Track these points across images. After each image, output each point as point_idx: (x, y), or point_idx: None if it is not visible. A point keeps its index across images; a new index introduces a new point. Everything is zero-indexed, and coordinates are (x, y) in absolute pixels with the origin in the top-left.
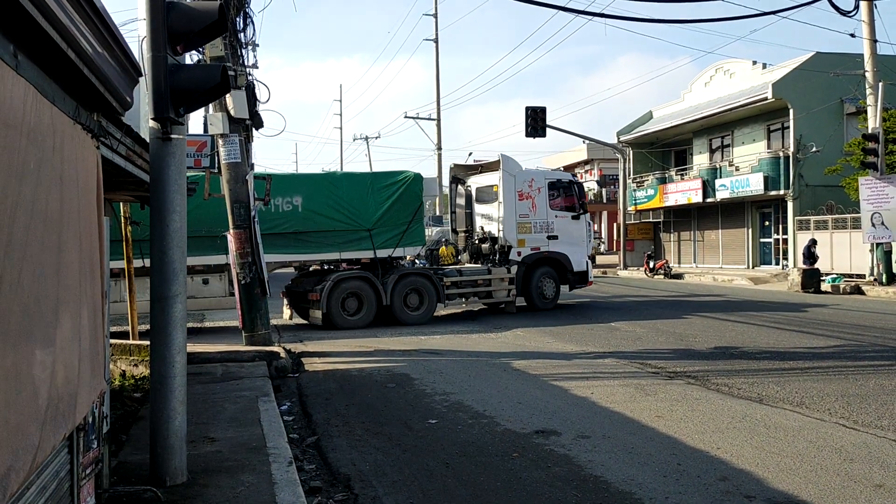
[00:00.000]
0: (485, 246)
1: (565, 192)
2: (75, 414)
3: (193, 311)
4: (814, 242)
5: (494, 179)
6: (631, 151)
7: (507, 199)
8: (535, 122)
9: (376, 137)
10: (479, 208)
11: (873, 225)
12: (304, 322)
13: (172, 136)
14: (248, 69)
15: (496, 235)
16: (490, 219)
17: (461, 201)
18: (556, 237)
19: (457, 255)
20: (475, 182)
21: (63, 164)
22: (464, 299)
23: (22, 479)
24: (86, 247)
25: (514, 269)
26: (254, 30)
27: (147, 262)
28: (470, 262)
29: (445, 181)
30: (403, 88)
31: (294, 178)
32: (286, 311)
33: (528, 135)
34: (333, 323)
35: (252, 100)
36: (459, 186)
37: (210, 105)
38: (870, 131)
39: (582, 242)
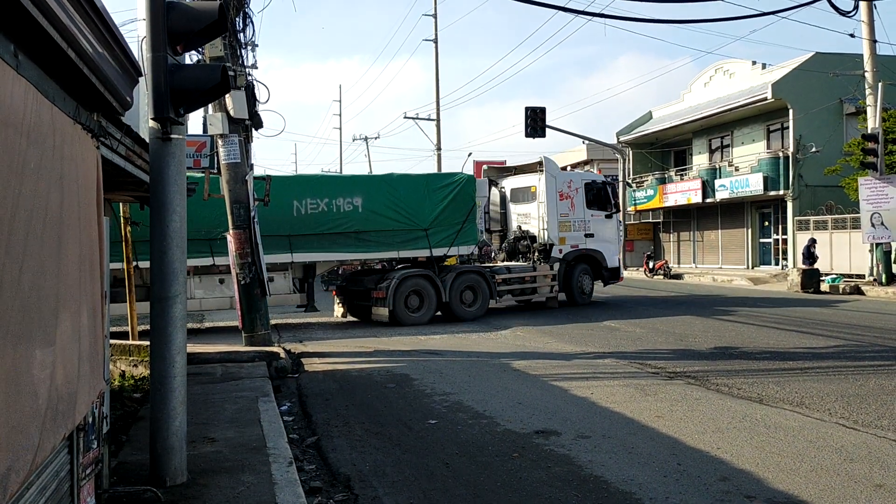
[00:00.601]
0: (522, 244)
1: (599, 192)
2: (75, 414)
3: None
4: (813, 242)
5: (531, 181)
6: (630, 152)
7: (549, 200)
8: (535, 123)
9: (376, 138)
10: (514, 208)
11: (873, 225)
12: (355, 320)
13: (172, 136)
14: (247, 69)
15: (534, 234)
16: (528, 218)
17: (495, 202)
18: (592, 235)
19: (492, 255)
20: (509, 183)
21: (63, 164)
22: (509, 296)
23: (22, 478)
24: (86, 247)
25: (556, 266)
26: (253, 30)
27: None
28: (505, 261)
29: None
30: (403, 89)
31: (354, 180)
32: (338, 310)
33: (527, 135)
34: (398, 319)
35: (251, 100)
36: (493, 188)
37: (210, 105)
38: (869, 131)
39: (614, 240)
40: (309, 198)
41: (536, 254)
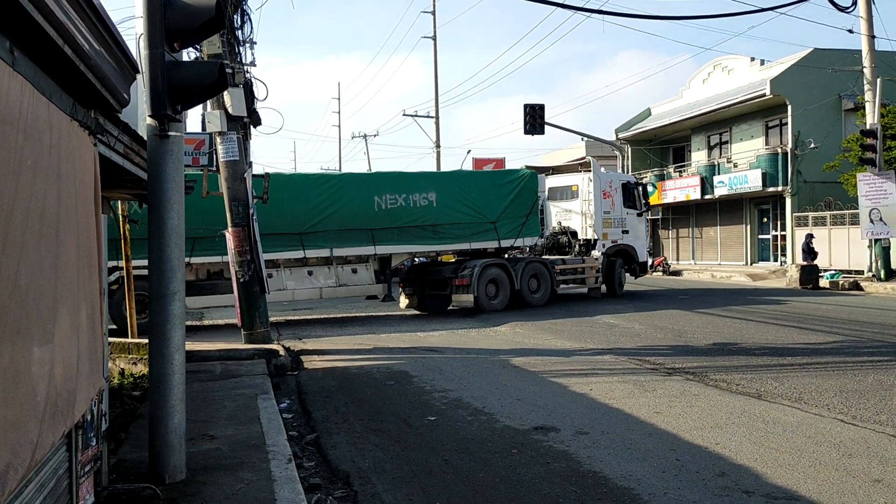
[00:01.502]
0: (563, 239)
1: (632, 192)
2: (74, 411)
3: (345, 297)
4: (811, 237)
5: (573, 180)
6: (629, 148)
7: (596, 198)
8: (534, 120)
9: (375, 135)
10: (553, 206)
11: (871, 221)
12: (417, 312)
13: (170, 133)
14: (245, 67)
15: (574, 230)
16: (569, 214)
17: None
18: (627, 231)
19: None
20: (548, 182)
21: (60, 161)
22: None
23: (20, 476)
24: (83, 244)
25: (600, 259)
26: (251, 27)
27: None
28: (543, 255)
29: None
30: (402, 86)
31: (428, 176)
32: (403, 301)
33: (526, 132)
34: (480, 306)
35: (250, 97)
36: None
37: (208, 103)
38: (868, 127)
39: (643, 236)
40: (388, 193)
41: (577, 248)
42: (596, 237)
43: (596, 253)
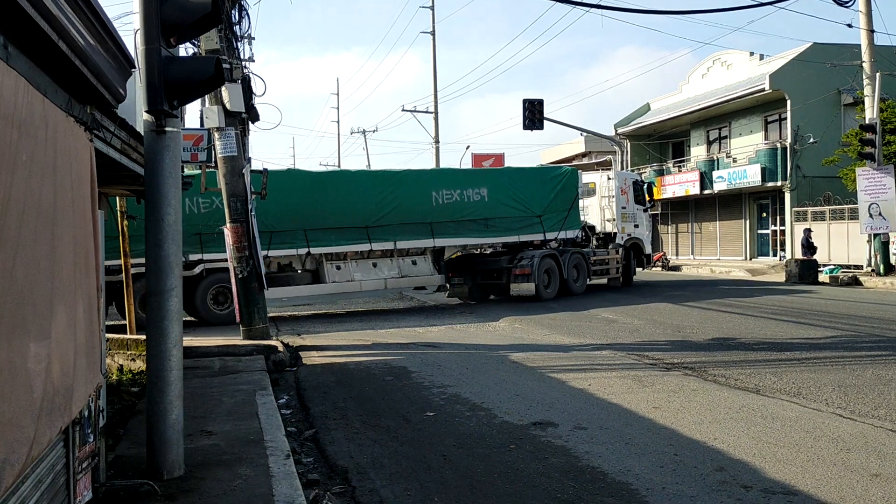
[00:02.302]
0: (580, 233)
1: (641, 189)
2: (71, 407)
3: (407, 287)
4: (810, 232)
5: (590, 178)
6: (628, 144)
7: (617, 195)
8: (533, 115)
9: (374, 131)
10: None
11: (871, 216)
12: (460, 302)
13: (167, 128)
14: (243, 62)
15: (592, 224)
16: (587, 210)
17: None
18: (638, 226)
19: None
20: None
21: (56, 157)
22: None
23: (17, 472)
24: (80, 240)
25: (620, 251)
26: (249, 22)
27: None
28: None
29: None
30: (401, 82)
31: (480, 173)
32: (451, 290)
33: (525, 127)
34: (539, 295)
35: (248, 93)
36: None
37: (206, 98)
38: (867, 122)
39: (649, 230)
40: (444, 189)
41: (595, 241)
42: (615, 231)
43: (617, 246)
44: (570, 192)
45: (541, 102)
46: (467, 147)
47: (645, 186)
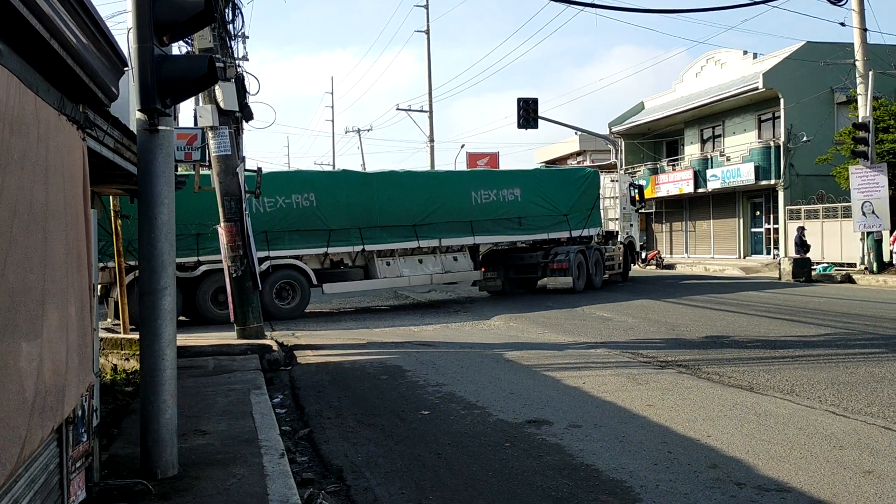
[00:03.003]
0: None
1: (634, 191)
2: (63, 407)
3: (450, 283)
4: (803, 230)
5: None
6: (623, 142)
7: (621, 196)
8: (527, 114)
9: (368, 130)
10: None
11: (864, 214)
12: (484, 294)
13: (160, 127)
14: (237, 61)
15: None
16: None
17: None
18: (632, 225)
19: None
20: None
21: (48, 155)
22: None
23: (9, 471)
24: (72, 239)
25: (621, 248)
26: (243, 21)
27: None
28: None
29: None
30: (396, 81)
31: (513, 174)
32: (482, 284)
33: (519, 126)
34: (574, 288)
35: (242, 92)
36: None
37: (200, 97)
38: (860, 120)
39: (639, 229)
40: (482, 189)
41: (596, 239)
42: (617, 230)
43: (619, 243)
44: (593, 193)
45: (535, 101)
46: (462, 146)
47: (637, 189)
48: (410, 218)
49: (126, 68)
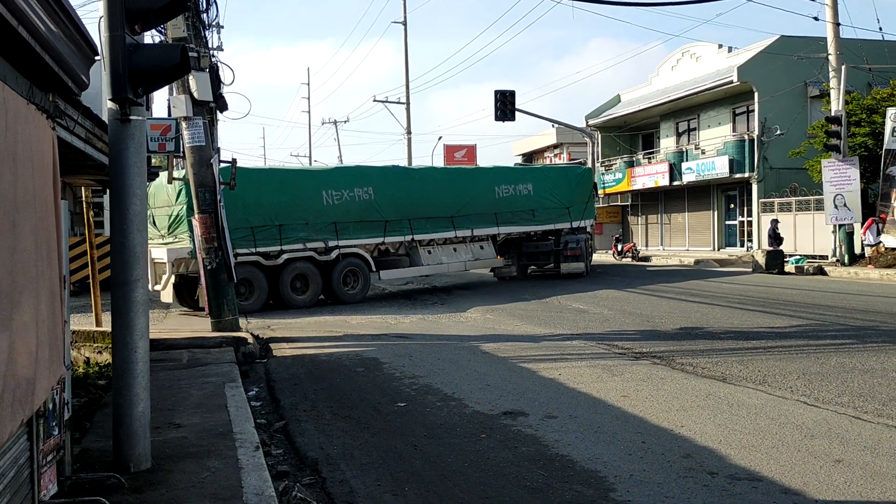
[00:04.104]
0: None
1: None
2: (34, 400)
3: (479, 268)
4: (776, 222)
5: None
6: (599, 135)
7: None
8: (504, 106)
9: (345, 122)
10: None
11: (836, 206)
12: (506, 278)
13: (131, 117)
14: (211, 51)
15: None
16: None
17: None
18: (589, 218)
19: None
20: None
21: (17, 145)
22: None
23: None
24: (42, 230)
25: (590, 237)
26: (217, 11)
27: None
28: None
29: (417, 164)
30: (373, 72)
31: (527, 170)
32: (497, 270)
33: (497, 118)
34: (584, 272)
35: (216, 82)
36: None
37: (173, 87)
38: (833, 114)
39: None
40: (503, 184)
41: (566, 230)
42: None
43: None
44: (587, 187)
45: (512, 94)
46: (439, 138)
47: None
48: (448, 210)
49: (97, 57)
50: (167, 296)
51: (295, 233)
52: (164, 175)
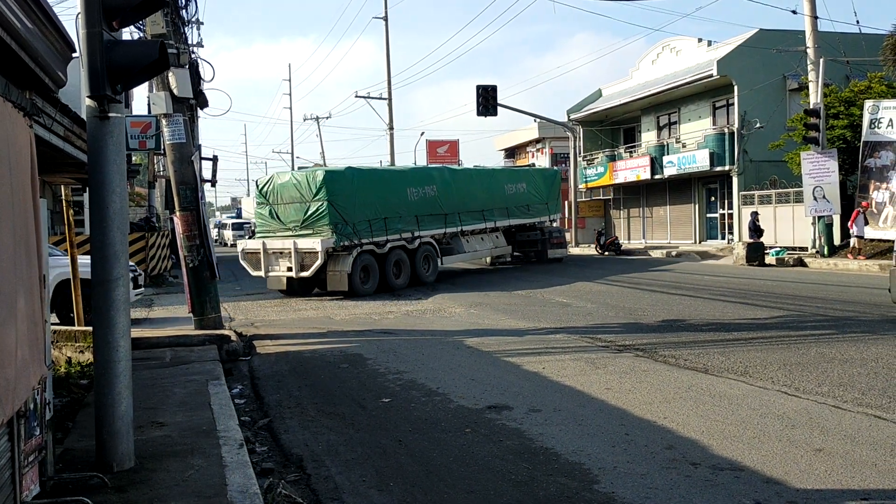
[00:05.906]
0: None
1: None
2: (14, 400)
3: (498, 256)
4: (756, 215)
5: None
6: (581, 130)
7: None
8: (486, 101)
9: (327, 118)
10: None
11: (815, 199)
12: (503, 264)
13: (110, 114)
14: (191, 47)
15: None
16: None
17: None
18: (558, 213)
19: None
20: None
21: None
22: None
23: None
24: (20, 229)
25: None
26: (196, 7)
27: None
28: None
29: (399, 160)
30: (356, 68)
31: (523, 170)
32: (493, 257)
33: (479, 113)
34: (563, 258)
35: (196, 78)
36: None
37: (153, 84)
38: (811, 107)
39: None
40: (509, 183)
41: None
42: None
43: (556, 225)
44: (558, 185)
45: (494, 89)
46: (422, 133)
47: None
48: (481, 204)
49: (74, 54)
50: (335, 283)
51: (394, 224)
52: (291, 172)
